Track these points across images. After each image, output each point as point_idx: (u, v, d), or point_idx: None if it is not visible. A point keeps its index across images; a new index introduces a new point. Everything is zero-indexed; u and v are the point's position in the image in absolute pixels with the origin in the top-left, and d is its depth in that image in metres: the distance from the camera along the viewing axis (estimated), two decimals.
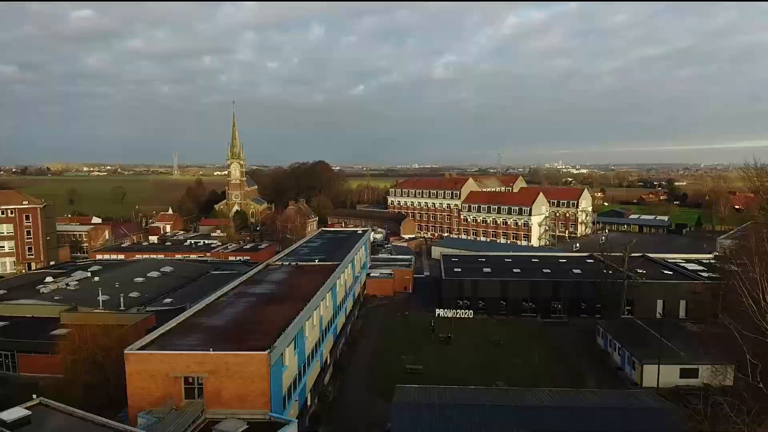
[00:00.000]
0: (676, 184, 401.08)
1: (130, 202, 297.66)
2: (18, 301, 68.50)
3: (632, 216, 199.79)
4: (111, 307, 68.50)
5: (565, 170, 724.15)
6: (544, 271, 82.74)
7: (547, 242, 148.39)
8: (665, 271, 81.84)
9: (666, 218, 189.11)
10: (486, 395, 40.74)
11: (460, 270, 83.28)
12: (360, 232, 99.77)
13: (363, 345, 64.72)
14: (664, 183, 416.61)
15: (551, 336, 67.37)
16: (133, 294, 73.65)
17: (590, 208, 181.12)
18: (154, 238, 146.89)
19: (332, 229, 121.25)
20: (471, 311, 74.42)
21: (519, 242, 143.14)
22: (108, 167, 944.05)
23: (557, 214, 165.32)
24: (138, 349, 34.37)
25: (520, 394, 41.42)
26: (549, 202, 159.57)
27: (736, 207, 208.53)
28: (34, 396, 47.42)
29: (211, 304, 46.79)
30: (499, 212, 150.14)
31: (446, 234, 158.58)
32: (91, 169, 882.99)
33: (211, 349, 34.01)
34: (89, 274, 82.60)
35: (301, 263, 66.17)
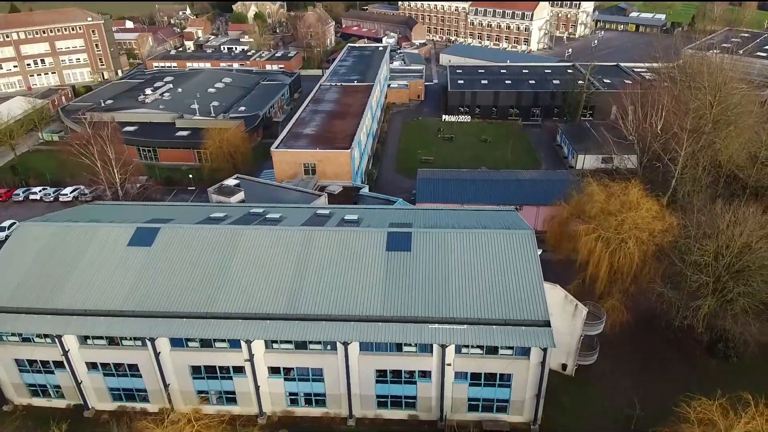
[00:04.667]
0: None
1: None
2: (136, 110, 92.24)
3: (632, 14, 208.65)
4: (202, 114, 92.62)
5: None
6: (530, 82, 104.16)
7: (545, 46, 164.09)
8: (626, 81, 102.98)
9: (663, 16, 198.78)
10: (474, 174, 68.08)
11: (462, 82, 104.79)
12: (381, 49, 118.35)
13: (389, 143, 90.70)
14: None
15: (526, 135, 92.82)
16: (214, 103, 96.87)
17: (592, 8, 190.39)
18: (189, 44, 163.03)
19: (357, 45, 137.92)
20: (469, 116, 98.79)
21: (519, 46, 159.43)
22: None
23: (559, 15, 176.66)
24: (275, 148, 60.33)
25: (495, 172, 68.92)
26: (552, 2, 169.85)
27: None
28: (190, 176, 76.25)
29: (298, 119, 71.15)
30: (503, 16, 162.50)
31: (454, 38, 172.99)
32: None
33: (317, 148, 59.92)
34: (171, 86, 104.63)
35: (344, 84, 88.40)
